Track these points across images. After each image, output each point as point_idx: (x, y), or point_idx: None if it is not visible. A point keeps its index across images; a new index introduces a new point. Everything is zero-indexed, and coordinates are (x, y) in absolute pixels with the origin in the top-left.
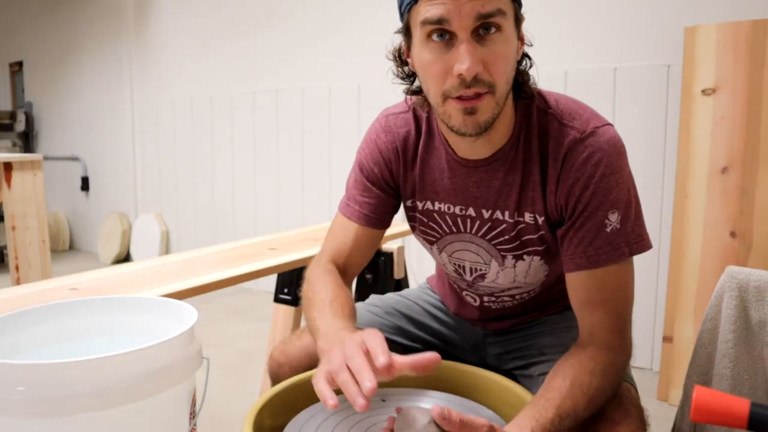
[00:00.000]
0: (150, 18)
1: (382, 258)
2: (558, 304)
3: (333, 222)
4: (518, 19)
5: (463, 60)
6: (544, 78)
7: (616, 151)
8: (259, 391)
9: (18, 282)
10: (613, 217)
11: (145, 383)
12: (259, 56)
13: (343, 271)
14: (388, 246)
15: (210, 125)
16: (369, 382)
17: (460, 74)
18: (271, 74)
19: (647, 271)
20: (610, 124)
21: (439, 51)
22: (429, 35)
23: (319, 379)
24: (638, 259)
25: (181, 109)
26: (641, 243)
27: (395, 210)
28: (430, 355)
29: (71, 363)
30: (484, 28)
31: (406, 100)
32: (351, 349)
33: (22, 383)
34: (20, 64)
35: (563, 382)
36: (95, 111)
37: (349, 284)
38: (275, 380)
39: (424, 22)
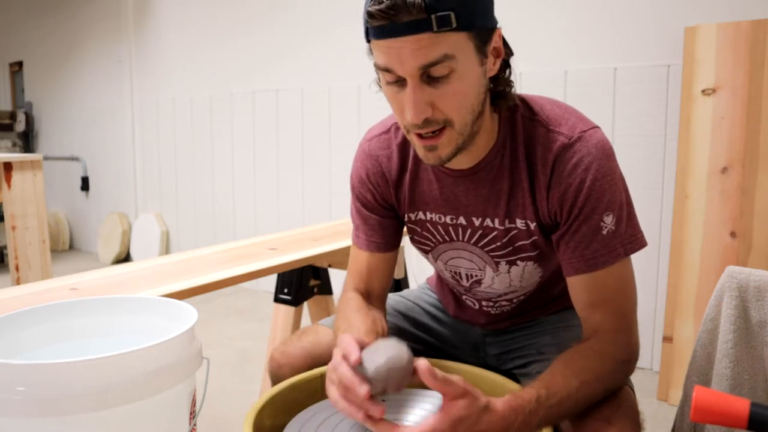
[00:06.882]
0: (150, 18)
1: None
2: (556, 304)
3: (351, 251)
4: (483, 44)
5: (408, 108)
6: (545, 78)
7: (605, 154)
8: (259, 391)
9: (18, 282)
10: (608, 220)
11: (145, 383)
12: (259, 56)
13: (366, 295)
14: None
15: (210, 125)
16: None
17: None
18: (271, 74)
19: (647, 271)
20: (596, 127)
21: (395, 90)
22: (384, 75)
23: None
24: (638, 259)
25: (181, 109)
26: (635, 242)
27: (401, 227)
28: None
29: (71, 363)
30: (431, 74)
31: (384, 122)
32: (335, 359)
33: (22, 383)
34: (20, 64)
35: (556, 364)
36: (95, 111)
37: (377, 304)
38: (275, 381)
39: (376, 66)
